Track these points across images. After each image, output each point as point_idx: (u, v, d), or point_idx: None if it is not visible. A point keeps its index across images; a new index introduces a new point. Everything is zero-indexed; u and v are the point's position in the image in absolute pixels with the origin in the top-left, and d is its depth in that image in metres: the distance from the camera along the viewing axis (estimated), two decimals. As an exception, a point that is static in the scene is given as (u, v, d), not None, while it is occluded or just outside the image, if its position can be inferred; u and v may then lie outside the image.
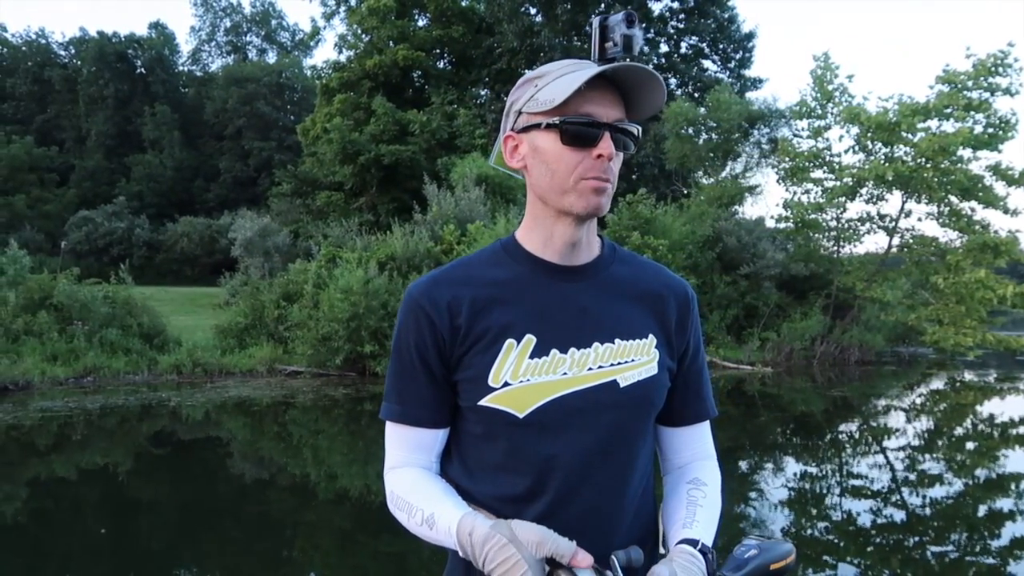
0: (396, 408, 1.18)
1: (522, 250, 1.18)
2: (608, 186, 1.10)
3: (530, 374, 1.11)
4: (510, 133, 1.16)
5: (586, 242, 1.17)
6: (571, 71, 1.07)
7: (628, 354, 1.15)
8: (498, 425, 1.12)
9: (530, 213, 1.18)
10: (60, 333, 13.44)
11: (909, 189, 16.96)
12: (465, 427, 1.17)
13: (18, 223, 39.16)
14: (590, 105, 1.07)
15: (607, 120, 1.07)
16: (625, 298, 1.18)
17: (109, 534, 5.74)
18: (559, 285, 1.15)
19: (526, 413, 1.10)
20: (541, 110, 1.09)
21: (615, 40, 1.06)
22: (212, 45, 59.31)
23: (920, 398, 13.87)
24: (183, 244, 37.89)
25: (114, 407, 10.99)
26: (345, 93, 28.85)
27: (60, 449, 8.66)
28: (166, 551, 5.41)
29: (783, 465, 8.21)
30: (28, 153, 45.28)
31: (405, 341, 1.16)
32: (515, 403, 1.10)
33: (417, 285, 1.17)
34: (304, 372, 13.98)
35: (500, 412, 1.11)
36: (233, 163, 47.07)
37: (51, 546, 5.37)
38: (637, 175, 27.69)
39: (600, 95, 1.07)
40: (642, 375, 1.15)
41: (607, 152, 1.07)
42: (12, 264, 13.86)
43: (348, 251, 15.91)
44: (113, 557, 5.23)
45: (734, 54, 30.92)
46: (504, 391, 1.10)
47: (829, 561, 5.02)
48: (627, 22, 1.06)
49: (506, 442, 1.12)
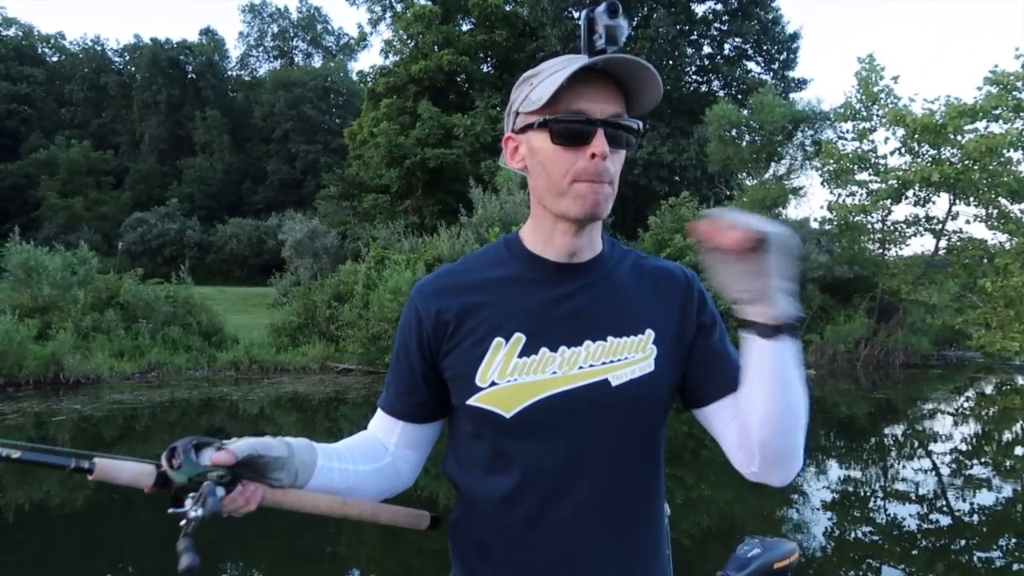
0: (382, 397, 1.24)
1: (523, 248, 1.16)
2: (604, 187, 1.05)
3: (518, 373, 1.08)
4: (509, 134, 1.15)
5: (588, 242, 1.14)
6: (562, 67, 1.03)
7: (621, 352, 1.11)
8: (485, 425, 1.10)
9: (532, 214, 1.17)
10: (126, 330, 14.14)
11: (956, 191, 16.81)
12: (459, 425, 1.17)
13: (76, 225, 40.60)
14: (582, 101, 1.02)
15: (601, 116, 1.03)
16: (623, 295, 1.15)
17: (161, 525, 6.00)
18: (555, 283, 1.13)
19: (513, 413, 1.08)
20: (533, 109, 1.05)
21: (599, 32, 1.01)
22: (260, 50, 60.73)
23: (968, 402, 13.76)
24: (232, 245, 38.83)
25: (176, 401, 11.57)
26: (391, 98, 29.43)
27: (125, 440, 9.10)
28: (212, 542, 5.67)
29: (826, 468, 8.18)
30: (86, 157, 46.97)
31: (399, 335, 1.21)
32: (502, 403, 1.08)
33: (420, 283, 1.19)
34: (355, 370, 14.45)
35: (487, 412, 1.09)
36: (280, 166, 48.14)
37: (107, 536, 5.69)
38: (680, 178, 27.75)
39: (594, 90, 1.03)
40: (635, 373, 1.10)
41: (600, 150, 1.02)
42: (82, 264, 14.60)
43: (396, 253, 16.37)
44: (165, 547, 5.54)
45: (778, 55, 30.71)
46: (491, 390, 1.09)
47: (873, 564, 5.01)
48: (609, 12, 1.00)
49: (493, 441, 1.10)
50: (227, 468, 0.97)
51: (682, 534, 5.60)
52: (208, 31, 57.03)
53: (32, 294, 13.83)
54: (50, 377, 12.16)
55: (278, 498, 1.05)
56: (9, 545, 5.41)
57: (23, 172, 46.61)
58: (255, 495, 1.02)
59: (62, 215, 42.35)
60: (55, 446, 1.03)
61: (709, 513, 6.30)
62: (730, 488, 7.09)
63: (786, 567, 1.28)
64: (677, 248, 16.69)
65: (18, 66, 53.17)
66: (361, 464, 1.16)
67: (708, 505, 6.59)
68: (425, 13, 29.51)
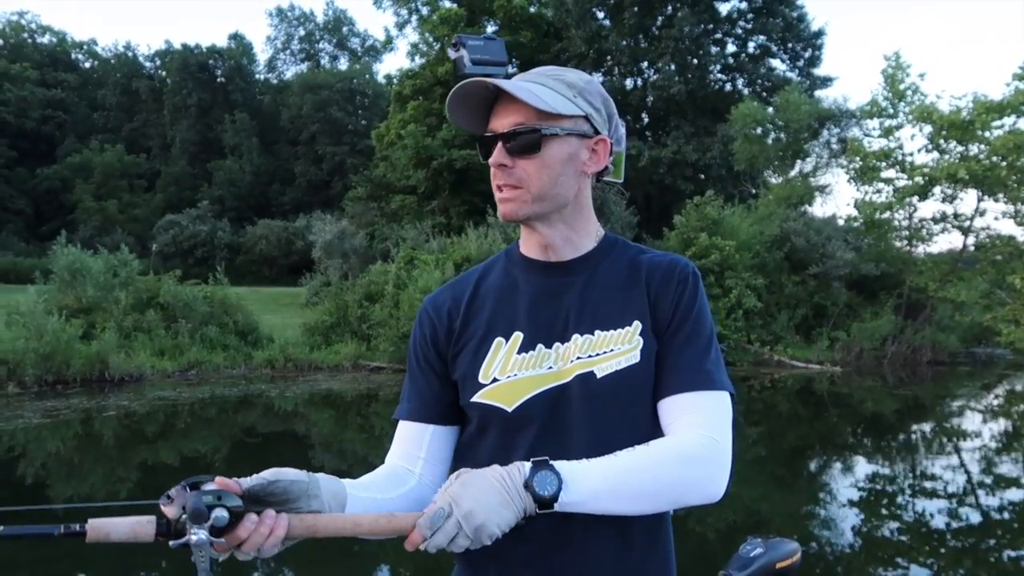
0: (399, 408, 1.26)
1: (518, 253, 1.25)
2: (508, 192, 1.15)
3: (517, 369, 1.14)
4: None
5: (563, 240, 1.19)
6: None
7: (608, 344, 1.14)
8: (490, 420, 1.15)
9: None
10: (166, 330, 14.62)
11: (984, 188, 16.76)
12: (466, 427, 1.22)
13: (111, 227, 41.45)
14: (494, 119, 1.15)
15: (502, 130, 1.13)
16: (612, 289, 1.17)
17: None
18: (547, 282, 1.19)
19: (514, 407, 1.13)
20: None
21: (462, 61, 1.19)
22: (287, 53, 61.43)
23: (997, 399, 13.72)
24: (262, 246, 39.26)
25: (216, 398, 11.97)
26: (418, 100, 29.75)
27: (166, 436, 9.47)
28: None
29: (853, 465, 8.18)
30: (119, 160, 47.97)
31: (412, 344, 1.27)
32: (504, 398, 1.13)
33: (429, 296, 1.29)
34: (386, 367, 14.78)
35: (490, 407, 1.14)
36: (307, 167, 48.68)
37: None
38: (704, 176, 27.79)
39: (499, 107, 1.15)
40: (620, 364, 1.12)
41: (494, 161, 1.14)
42: (123, 266, 15.09)
43: (425, 253, 16.68)
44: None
45: (803, 53, 30.59)
46: (493, 387, 1.14)
47: (901, 563, 5.00)
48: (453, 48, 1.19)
49: (497, 436, 1.15)
50: (237, 496, 0.94)
51: (708, 529, 5.75)
52: (236, 36, 57.83)
53: (77, 295, 14.35)
54: (96, 375, 12.65)
55: (309, 523, 1.00)
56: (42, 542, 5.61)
57: (59, 176, 47.69)
58: (279, 523, 0.97)
59: (97, 218, 43.27)
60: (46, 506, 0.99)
61: (735, 510, 6.34)
62: (756, 485, 7.22)
63: (789, 567, 1.28)
64: (702, 246, 16.81)
65: (52, 72, 54.38)
66: (388, 492, 1.15)
67: (733, 502, 6.57)
68: (451, 16, 29.80)
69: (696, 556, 4.81)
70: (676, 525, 1.22)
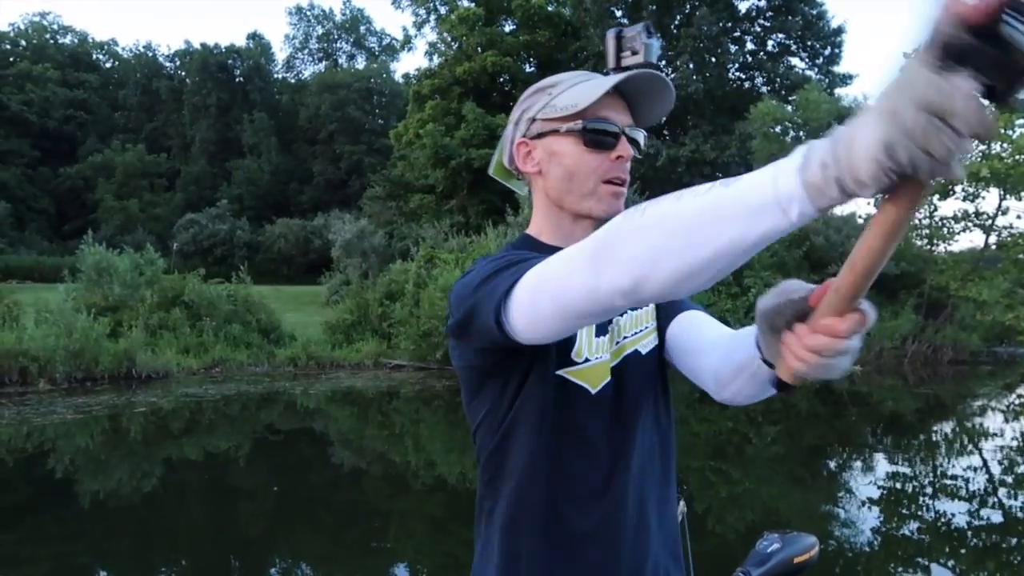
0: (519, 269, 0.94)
1: (548, 246, 1.15)
2: (625, 189, 1.15)
3: (600, 352, 1.12)
4: (523, 139, 1.17)
5: None
6: (585, 79, 1.12)
7: (641, 322, 1.19)
8: (570, 397, 1.09)
9: (543, 215, 1.19)
10: (191, 328, 14.85)
11: (1007, 186, 16.65)
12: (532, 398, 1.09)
13: (132, 226, 41.97)
14: (606, 111, 1.10)
15: (621, 125, 1.12)
16: None
17: (212, 519, 6.29)
18: None
19: (597, 389, 1.11)
20: (559, 115, 1.11)
21: (634, 49, 1.09)
22: (305, 53, 61.93)
23: (1019, 399, 13.64)
24: (280, 245, 39.64)
25: (240, 395, 12.16)
26: (436, 99, 29.94)
27: (191, 433, 9.59)
28: (259, 536, 5.89)
29: (873, 464, 8.14)
30: (140, 160, 48.60)
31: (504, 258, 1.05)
32: (590, 379, 1.11)
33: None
34: (407, 365, 14.94)
35: (577, 385, 1.10)
36: (325, 166, 49.07)
37: (161, 528, 5.88)
38: (723, 175, 27.67)
39: (614, 102, 1.11)
40: (654, 342, 1.20)
41: (627, 153, 1.11)
42: (149, 265, 15.34)
43: (445, 252, 16.82)
44: (215, 541, 5.76)
45: (822, 50, 30.41)
46: (584, 366, 1.10)
47: (921, 562, 5.00)
48: (647, 31, 1.09)
49: (572, 416, 1.09)
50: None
51: (727, 528, 5.81)
52: (255, 35, 58.41)
53: (104, 293, 14.61)
54: (123, 372, 12.88)
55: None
56: (68, 535, 5.62)
57: (81, 175, 48.41)
58: None
59: (118, 217, 43.84)
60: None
61: (753, 509, 6.36)
62: (775, 483, 7.26)
63: (806, 561, 1.28)
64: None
65: (74, 72, 55.14)
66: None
67: (752, 500, 6.66)
68: (469, 15, 29.96)
69: (714, 555, 4.82)
70: (693, 523, 1.23)
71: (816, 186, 0.62)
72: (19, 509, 6.39)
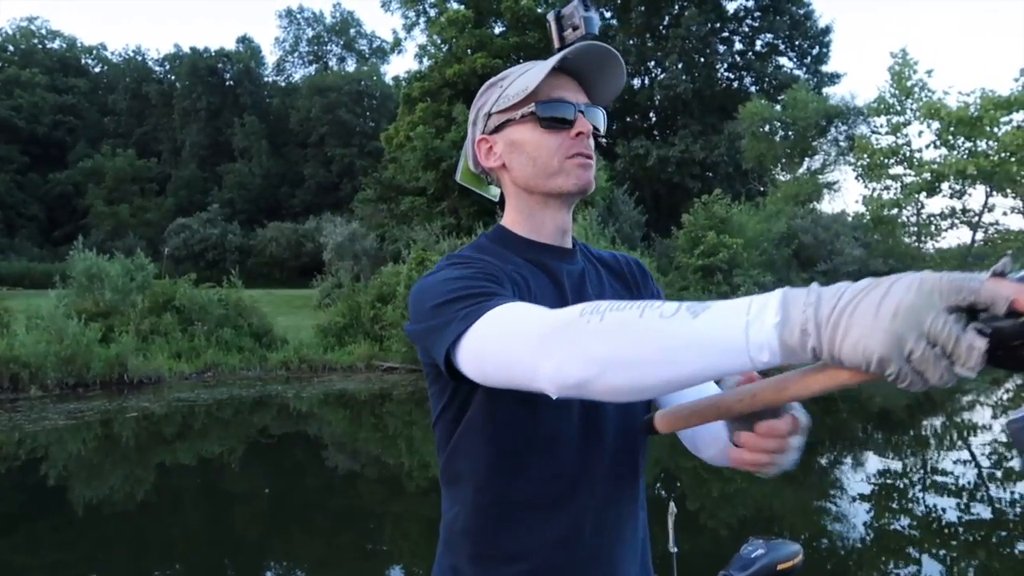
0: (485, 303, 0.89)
1: (519, 237, 1.15)
2: (592, 161, 1.11)
3: None
4: (482, 136, 1.16)
5: (570, 227, 1.17)
6: (534, 66, 1.10)
7: None
8: (534, 402, 1.00)
9: (514, 207, 1.16)
10: (183, 332, 14.83)
11: (993, 183, 16.82)
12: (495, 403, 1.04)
13: (122, 231, 41.80)
14: (559, 91, 1.08)
15: (576, 102, 1.09)
16: (601, 277, 1.19)
17: (208, 526, 6.27)
18: (562, 266, 1.14)
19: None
20: (512, 103, 1.10)
21: (574, 24, 1.06)
22: (295, 56, 61.72)
23: (1007, 394, 13.74)
24: (272, 248, 39.52)
25: (232, 399, 12.16)
26: (426, 102, 29.93)
27: (184, 437, 9.59)
28: (256, 540, 5.92)
29: (863, 460, 8.16)
30: (130, 165, 48.37)
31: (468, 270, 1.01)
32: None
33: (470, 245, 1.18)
34: (400, 368, 14.96)
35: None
36: (317, 169, 48.98)
37: (156, 536, 5.82)
38: (712, 175, 27.86)
39: (565, 82, 1.10)
40: None
41: (586, 129, 1.08)
42: (139, 270, 15.32)
43: (437, 254, 16.85)
44: (213, 547, 5.74)
45: (810, 50, 30.60)
46: None
47: (912, 555, 5.01)
48: (583, 5, 1.06)
49: (535, 419, 1.04)
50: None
51: (719, 524, 5.85)
52: (245, 39, 58.14)
53: (95, 299, 14.58)
54: (115, 378, 12.87)
55: None
56: (61, 544, 5.60)
57: (71, 181, 48.17)
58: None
59: (109, 222, 43.65)
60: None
61: (744, 506, 6.38)
62: (766, 481, 7.28)
63: (789, 568, 1.26)
64: (710, 244, 16.91)
65: (63, 77, 54.86)
66: None
67: (742, 498, 6.66)
68: (459, 17, 29.97)
69: (702, 553, 4.81)
70: (686, 522, 1.21)
71: (791, 347, 0.62)
72: (12, 517, 6.38)
